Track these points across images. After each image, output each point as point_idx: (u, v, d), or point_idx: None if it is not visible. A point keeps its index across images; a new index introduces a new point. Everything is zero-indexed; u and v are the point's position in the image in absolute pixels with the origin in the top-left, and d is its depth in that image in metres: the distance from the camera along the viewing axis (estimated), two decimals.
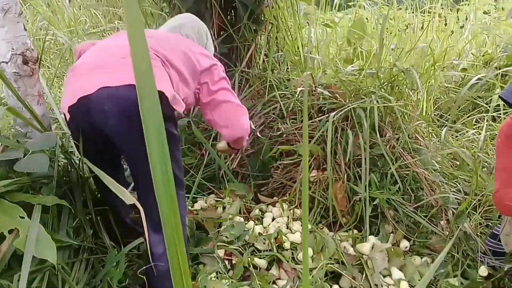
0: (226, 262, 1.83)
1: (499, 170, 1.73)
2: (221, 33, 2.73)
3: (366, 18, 3.97)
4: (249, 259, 1.80)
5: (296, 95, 2.56)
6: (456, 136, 2.85)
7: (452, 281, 1.83)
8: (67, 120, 1.49)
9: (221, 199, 2.23)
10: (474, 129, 2.91)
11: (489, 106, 3.09)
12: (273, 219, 2.13)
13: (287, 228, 2.06)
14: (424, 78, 2.82)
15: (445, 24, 4.42)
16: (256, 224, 2.05)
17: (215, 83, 1.68)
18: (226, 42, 2.80)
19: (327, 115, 2.31)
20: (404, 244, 2.04)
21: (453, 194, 2.17)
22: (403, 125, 2.37)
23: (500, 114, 3.04)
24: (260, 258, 1.84)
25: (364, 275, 1.83)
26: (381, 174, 2.23)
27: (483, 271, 1.80)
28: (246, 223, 2.04)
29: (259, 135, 2.40)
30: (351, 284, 1.80)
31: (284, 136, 2.43)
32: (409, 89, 2.69)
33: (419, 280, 1.86)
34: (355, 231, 2.11)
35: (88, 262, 1.57)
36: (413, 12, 4.08)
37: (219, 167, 2.39)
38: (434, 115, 3.09)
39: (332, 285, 1.80)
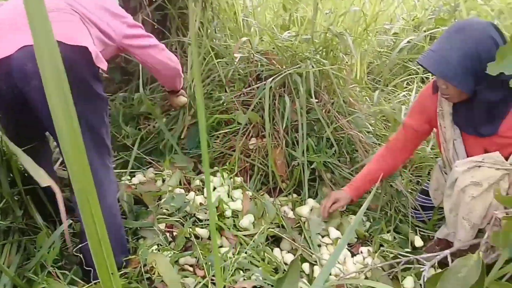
0: (167, 234, 1.82)
1: (403, 126, 1.91)
2: (154, 0, 2.63)
3: None
4: (190, 229, 1.80)
5: (235, 63, 2.53)
6: (389, 99, 2.95)
7: (386, 237, 1.93)
8: None
9: (160, 172, 2.19)
10: (404, 91, 3.03)
11: (419, 69, 3.23)
12: (214, 188, 2.13)
13: (228, 196, 2.07)
14: (357, 43, 2.88)
15: None
16: (197, 195, 2.04)
17: (132, 33, 1.70)
18: (159, 9, 2.70)
19: (265, 82, 2.31)
20: None
21: None
22: (338, 89, 2.42)
23: (428, 75, 3.18)
24: (202, 228, 1.85)
25: (303, 237, 1.89)
26: (318, 138, 2.28)
27: (418, 241, 1.90)
28: (186, 194, 2.03)
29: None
30: (291, 246, 1.85)
31: (225, 104, 2.41)
32: (343, 53, 2.74)
33: (355, 237, 1.95)
34: (295, 195, 2.17)
35: (20, 244, 1.50)
36: None
37: (162, 139, 2.34)
38: (367, 78, 3.18)
39: (273, 248, 1.84)
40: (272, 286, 1.58)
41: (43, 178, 1.14)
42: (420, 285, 1.49)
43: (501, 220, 1.38)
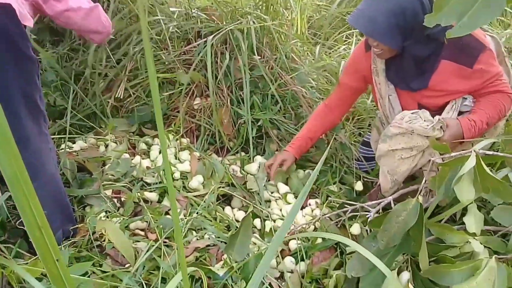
0: (115, 200, 1.77)
1: (338, 85, 1.98)
2: None
3: None
4: (138, 194, 1.77)
5: (174, 18, 2.43)
6: (329, 53, 2.99)
7: (332, 188, 2.00)
8: None
9: (102, 137, 2.11)
10: (344, 44, 3.08)
11: None
12: (160, 151, 2.09)
13: (176, 158, 2.04)
14: None
15: None
16: (143, 159, 2.00)
17: None
18: None
19: (205, 39, 2.25)
20: None
21: None
22: (280, 45, 2.41)
23: None
24: (151, 191, 1.82)
25: (253, 194, 1.92)
26: (263, 96, 2.28)
27: (359, 186, 1.99)
28: (132, 159, 1.98)
29: None
30: (242, 203, 1.88)
31: (166, 64, 2.33)
32: (283, 8, 2.71)
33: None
34: (242, 153, 2.18)
35: None
36: None
37: (100, 103, 2.24)
38: (308, 33, 3.19)
39: (224, 207, 1.86)
40: (225, 243, 1.60)
41: None
42: (366, 230, 1.57)
43: (437, 167, 1.48)
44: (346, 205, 1.65)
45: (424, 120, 1.58)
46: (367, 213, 1.53)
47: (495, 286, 1.17)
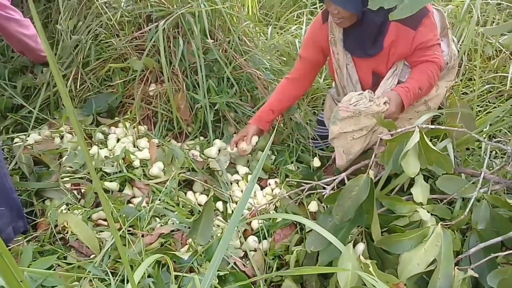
0: (75, 192, 1.77)
1: (299, 59, 2.02)
2: None
3: None
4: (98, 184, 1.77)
5: (122, 4, 2.38)
6: (281, 33, 3.03)
7: (290, 167, 2.07)
8: None
9: (56, 129, 2.07)
10: (296, 24, 3.12)
11: (307, 1, 3.32)
12: (118, 140, 2.08)
13: (134, 146, 2.04)
14: None
15: None
16: (100, 148, 1.98)
17: None
18: None
19: (156, 23, 2.23)
20: None
21: None
22: (232, 27, 2.42)
23: (316, 8, 3.29)
24: (111, 181, 1.82)
25: (214, 177, 1.96)
26: (218, 79, 2.30)
27: (316, 162, 2.07)
28: (89, 149, 1.96)
29: None
30: (203, 188, 1.92)
31: (117, 50, 2.29)
32: None
33: (263, 171, 2.06)
34: (201, 138, 2.20)
35: None
36: None
37: (54, 94, 2.18)
38: (260, 14, 3.20)
39: (186, 192, 1.89)
40: (189, 228, 1.64)
41: None
42: (323, 207, 1.66)
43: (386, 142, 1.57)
44: (303, 184, 1.72)
45: (370, 100, 1.67)
46: (323, 190, 1.61)
47: (442, 250, 1.28)
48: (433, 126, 1.46)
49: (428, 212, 1.46)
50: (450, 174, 1.52)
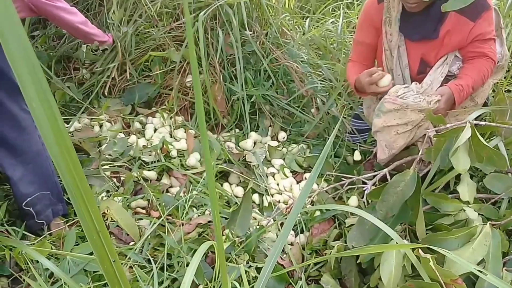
0: (115, 179, 1.79)
1: (356, 42, 1.92)
2: None
3: None
4: (138, 173, 1.79)
5: None
6: (317, 26, 2.99)
7: (327, 161, 2.04)
8: None
9: (96, 117, 2.10)
10: (332, 17, 3.08)
11: None
12: (155, 130, 2.10)
13: (171, 136, 2.06)
14: None
15: None
16: (138, 138, 2.00)
17: None
18: None
19: (194, 14, 2.23)
20: (282, 135, 2.19)
21: (320, 83, 2.34)
22: (271, 18, 2.40)
23: (353, 1, 3.24)
24: (149, 170, 1.84)
25: (250, 169, 1.95)
26: (255, 71, 2.29)
27: (357, 155, 2.03)
28: (128, 138, 1.98)
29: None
30: (239, 179, 1.91)
31: (156, 41, 2.30)
32: None
33: (298, 165, 2.04)
34: (237, 130, 2.20)
35: None
36: None
37: (94, 84, 2.22)
38: (295, 7, 3.17)
39: (222, 183, 1.89)
40: (226, 218, 1.64)
41: None
42: (364, 202, 1.63)
43: (432, 138, 1.53)
44: (343, 178, 1.70)
45: (417, 92, 1.62)
46: (363, 185, 1.58)
47: (490, 250, 1.24)
48: (483, 123, 1.41)
49: (475, 211, 1.41)
50: (498, 172, 1.47)
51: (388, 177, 1.55)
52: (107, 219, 1.59)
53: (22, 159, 1.45)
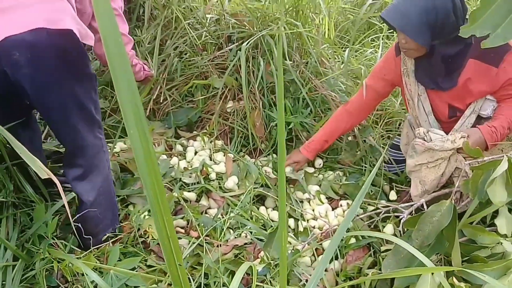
0: None
1: (364, 86, 1.99)
2: None
3: None
4: (178, 193, 1.86)
5: (206, 25, 2.52)
6: (356, 56, 3.04)
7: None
8: None
9: None
10: (371, 48, 3.12)
11: (383, 26, 3.31)
12: (196, 152, 2.18)
13: (211, 159, 2.13)
14: (325, 1, 2.91)
15: None
16: (180, 160, 2.09)
17: None
18: None
19: (237, 43, 2.33)
20: (318, 162, 2.22)
21: None
22: (311, 48, 2.47)
23: (393, 33, 3.27)
24: (189, 191, 1.91)
25: (286, 194, 1.99)
26: (294, 99, 2.35)
27: (392, 195, 2.05)
28: (170, 160, 2.07)
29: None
30: (275, 203, 1.96)
31: (201, 68, 2.41)
32: (312, 13, 2.77)
33: (334, 191, 2.06)
34: (274, 155, 2.25)
35: (14, 218, 1.52)
36: None
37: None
38: (335, 37, 3.24)
39: (258, 207, 1.94)
40: (262, 241, 1.68)
41: (41, 171, 1.13)
42: (399, 231, 1.63)
43: (468, 172, 1.54)
44: (380, 207, 1.71)
45: (442, 141, 1.64)
46: (400, 214, 1.59)
47: None
48: None
49: None
50: None
51: (425, 207, 1.56)
52: (147, 237, 1.67)
53: (94, 184, 1.56)
